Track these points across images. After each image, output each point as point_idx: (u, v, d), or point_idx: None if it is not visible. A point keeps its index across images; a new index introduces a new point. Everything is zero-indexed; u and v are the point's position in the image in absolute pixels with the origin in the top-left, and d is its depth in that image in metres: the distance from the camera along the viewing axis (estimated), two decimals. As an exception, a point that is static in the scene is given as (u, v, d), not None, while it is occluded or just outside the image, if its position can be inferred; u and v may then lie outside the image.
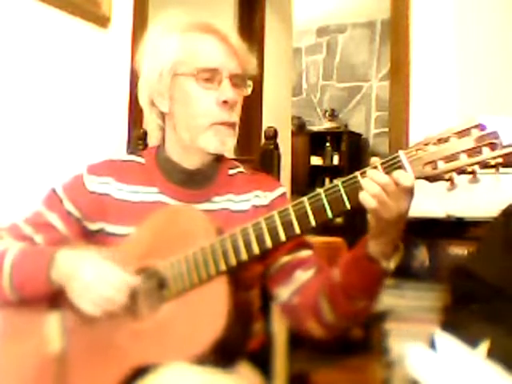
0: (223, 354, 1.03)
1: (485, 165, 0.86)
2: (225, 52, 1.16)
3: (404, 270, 1.60)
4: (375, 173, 0.92)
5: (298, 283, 1.15)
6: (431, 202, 1.56)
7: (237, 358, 1.10)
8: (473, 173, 0.86)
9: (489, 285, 1.13)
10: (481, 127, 0.86)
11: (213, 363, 1.00)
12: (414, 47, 2.21)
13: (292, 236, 1.02)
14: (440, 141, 0.89)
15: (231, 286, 1.04)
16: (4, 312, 1.18)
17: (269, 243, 1.02)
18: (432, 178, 0.90)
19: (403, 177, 0.90)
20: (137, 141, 2.02)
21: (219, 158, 1.22)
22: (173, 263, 1.07)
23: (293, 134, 4.55)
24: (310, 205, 0.98)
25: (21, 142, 1.84)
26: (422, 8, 2.22)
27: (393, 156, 0.92)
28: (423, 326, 1.55)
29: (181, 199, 1.18)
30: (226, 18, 3.45)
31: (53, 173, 1.85)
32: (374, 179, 0.92)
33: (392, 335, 1.73)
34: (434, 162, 0.88)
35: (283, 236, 1.01)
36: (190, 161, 1.19)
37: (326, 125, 5.95)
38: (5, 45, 1.80)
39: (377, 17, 5.68)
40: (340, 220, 4.87)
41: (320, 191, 0.98)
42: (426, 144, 0.89)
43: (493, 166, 0.86)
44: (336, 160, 5.84)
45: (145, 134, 1.97)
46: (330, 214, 0.97)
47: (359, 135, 5.86)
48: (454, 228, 1.73)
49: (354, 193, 0.94)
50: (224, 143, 1.16)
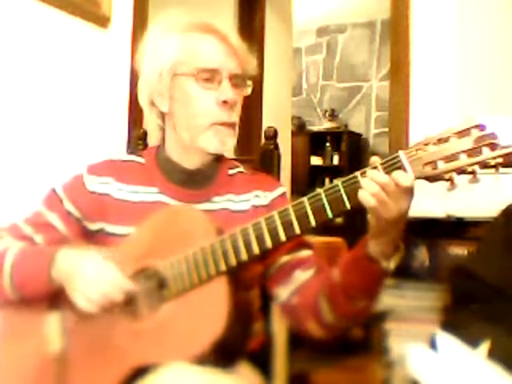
0: (223, 354, 1.02)
1: (485, 165, 0.86)
2: (225, 52, 1.16)
3: (404, 270, 1.60)
4: (375, 173, 0.92)
5: (298, 283, 1.15)
6: (431, 202, 1.56)
7: (237, 358, 1.10)
8: (473, 173, 0.86)
9: (489, 285, 1.13)
10: (481, 127, 0.86)
11: (213, 363, 1.00)
12: (414, 47, 2.21)
13: (292, 236, 1.02)
14: (440, 141, 0.89)
15: (231, 286, 1.04)
16: (4, 312, 1.18)
17: (269, 243, 1.02)
18: (432, 178, 0.90)
19: (403, 177, 0.90)
20: (137, 141, 2.02)
21: (219, 158, 1.22)
22: (173, 263, 1.07)
23: (293, 134, 4.55)
24: (310, 205, 0.98)
25: (21, 142, 1.84)
26: (422, 8, 2.22)
27: (393, 156, 0.92)
28: (423, 326, 1.55)
29: (181, 199, 1.18)
30: (226, 18, 3.45)
31: (53, 173, 1.85)
32: (374, 179, 0.92)
33: (392, 335, 1.72)
34: (434, 162, 0.88)
35: (283, 236, 1.01)
36: (190, 161, 1.19)
37: (326, 125, 5.95)
38: (5, 45, 1.80)
39: (377, 17, 5.68)
40: (340, 220, 4.87)
41: (320, 191, 0.98)
42: (426, 144, 0.90)
43: (493, 166, 0.86)
44: (336, 160, 5.84)
45: (145, 134, 1.97)
46: (330, 214, 0.97)
47: (359, 135, 5.86)
48: (454, 228, 1.73)
49: (354, 193, 0.94)
50: (224, 143, 1.16)
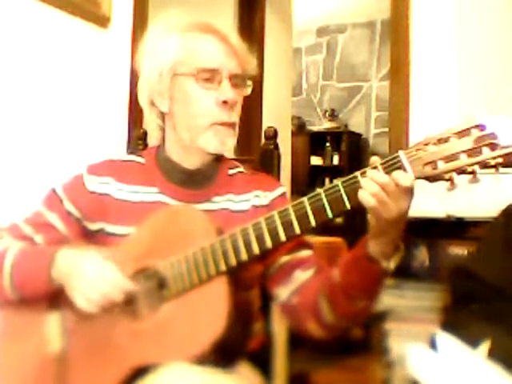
0: (223, 354, 1.02)
1: (485, 165, 0.86)
2: (225, 52, 1.16)
3: (404, 270, 1.60)
4: (375, 173, 0.92)
5: (298, 283, 1.15)
6: (431, 202, 1.56)
7: (237, 358, 1.10)
8: (473, 173, 0.86)
9: (489, 285, 1.13)
10: (481, 127, 0.86)
11: (213, 363, 1.00)
12: (414, 47, 2.21)
13: (292, 236, 1.02)
14: (440, 141, 0.89)
15: (231, 286, 1.04)
16: (4, 312, 1.18)
17: (269, 243, 1.02)
18: (432, 178, 0.90)
19: (403, 177, 0.90)
20: (137, 141, 2.02)
21: (219, 158, 1.22)
22: (173, 263, 1.07)
23: (293, 134, 4.55)
24: (310, 205, 0.98)
25: (21, 142, 1.84)
26: (422, 8, 2.22)
27: (393, 156, 0.92)
28: (423, 326, 1.55)
29: (181, 199, 1.18)
30: (226, 18, 3.45)
31: (53, 173, 1.85)
32: (374, 179, 0.92)
33: (392, 335, 1.72)
34: (434, 162, 0.88)
35: (283, 236, 1.01)
36: (190, 161, 1.19)
37: (326, 125, 5.95)
38: (5, 45, 1.80)
39: (377, 17, 5.68)
40: (340, 220, 4.87)
41: (320, 191, 0.98)
42: (426, 144, 0.89)
43: (493, 166, 0.86)
44: (336, 160, 5.84)
45: (145, 134, 1.97)
46: (330, 214, 0.97)
47: (359, 135, 5.86)
48: (454, 228, 1.73)
49: (354, 193, 0.93)
50: (224, 143, 1.16)
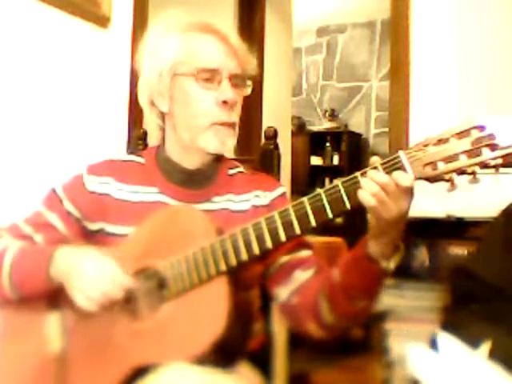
0: (223, 354, 1.02)
1: (485, 165, 0.86)
2: (225, 52, 1.16)
3: (404, 270, 1.60)
4: (375, 173, 0.92)
5: (298, 283, 1.15)
6: (431, 202, 1.56)
7: (237, 358, 1.10)
8: (473, 173, 0.86)
9: (489, 285, 1.13)
10: (480, 128, 0.86)
11: (213, 363, 1.00)
12: (414, 47, 2.21)
13: (292, 236, 1.02)
14: (440, 141, 0.88)
15: (231, 286, 1.04)
16: (4, 312, 1.18)
17: (269, 243, 1.02)
18: (432, 179, 0.90)
19: (403, 177, 0.90)
20: (137, 141, 2.02)
21: (219, 158, 1.22)
22: (173, 263, 1.07)
23: (293, 134, 4.55)
24: (310, 205, 0.98)
25: (21, 142, 1.84)
26: (422, 8, 2.22)
27: (393, 156, 0.92)
28: (423, 326, 1.55)
29: (181, 199, 1.18)
30: (226, 18, 3.45)
31: (53, 173, 1.85)
32: (374, 179, 0.92)
33: (392, 335, 1.72)
34: (434, 163, 0.88)
35: (283, 236, 1.01)
36: (190, 161, 1.19)
37: (326, 125, 5.95)
38: (5, 45, 1.80)
39: (377, 17, 5.68)
40: (340, 220, 4.86)
41: (320, 191, 0.98)
42: (426, 145, 0.89)
43: (493, 167, 0.86)
44: (336, 160, 5.84)
45: (145, 134, 1.97)
46: (330, 214, 0.97)
47: (359, 135, 5.86)
48: (454, 228, 1.73)
49: (355, 193, 0.93)
50: (224, 143, 1.16)
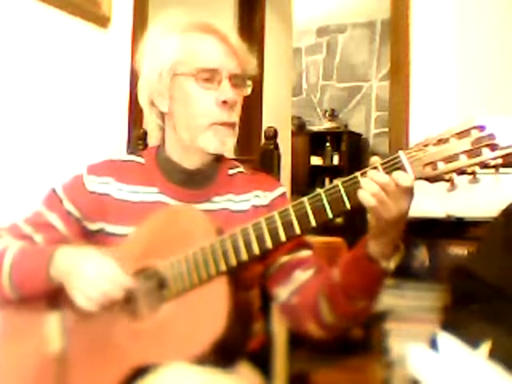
0: (223, 354, 1.02)
1: (485, 165, 0.86)
2: (225, 52, 1.16)
3: (404, 270, 1.60)
4: (375, 173, 0.92)
5: (297, 283, 1.15)
6: (431, 202, 1.56)
7: (237, 358, 1.10)
8: (473, 173, 0.86)
9: (489, 285, 1.13)
10: (480, 128, 0.86)
11: (213, 363, 1.00)
12: (414, 47, 2.21)
13: (292, 236, 1.01)
14: (440, 141, 0.88)
15: (231, 286, 1.04)
16: (4, 312, 1.18)
17: (269, 243, 1.02)
18: (432, 179, 0.90)
19: (403, 177, 0.90)
20: (137, 141, 2.02)
21: (219, 158, 1.22)
22: (173, 263, 1.07)
23: (293, 134, 4.55)
24: (310, 205, 0.98)
25: (21, 142, 1.84)
26: (422, 8, 2.22)
27: (393, 156, 0.92)
28: (423, 326, 1.55)
29: (181, 199, 1.18)
30: (226, 18, 3.45)
31: (53, 173, 1.85)
32: (374, 179, 0.92)
33: (392, 335, 1.72)
34: (434, 163, 0.88)
35: (283, 236, 1.01)
36: (190, 161, 1.19)
37: (326, 125, 5.95)
38: (5, 45, 1.80)
39: (377, 17, 5.68)
40: (340, 220, 4.86)
41: (320, 191, 0.98)
42: (426, 145, 0.89)
43: (493, 167, 0.86)
44: (336, 160, 5.84)
45: (145, 134, 1.97)
46: (331, 214, 0.97)
47: (359, 135, 5.86)
48: (454, 228, 1.73)
49: (355, 193, 0.93)
50: (224, 143, 1.16)
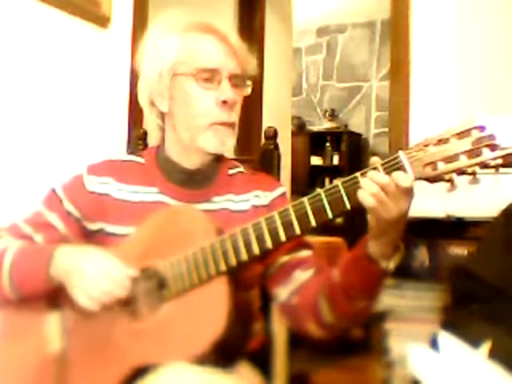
0: (223, 354, 1.02)
1: (485, 165, 0.86)
2: (224, 52, 1.16)
3: (404, 270, 1.60)
4: (375, 173, 0.92)
5: (297, 283, 1.15)
6: (431, 202, 1.56)
7: (237, 358, 1.10)
8: (473, 173, 0.86)
9: (489, 285, 1.13)
10: (481, 128, 0.86)
11: (213, 363, 1.00)
12: (414, 47, 2.21)
13: (292, 236, 1.01)
14: (440, 142, 0.88)
15: (231, 286, 1.04)
16: (4, 312, 1.18)
17: (269, 243, 1.02)
18: (432, 179, 0.90)
19: (403, 177, 0.89)
20: (137, 141, 2.02)
21: (219, 158, 1.22)
22: (173, 263, 1.07)
23: (293, 134, 4.55)
24: (310, 205, 0.98)
25: (21, 142, 1.84)
26: (422, 8, 2.22)
27: (393, 156, 0.92)
28: (423, 326, 1.55)
29: (181, 199, 1.18)
30: (226, 18, 3.45)
31: (53, 173, 1.85)
32: (374, 179, 0.92)
33: (392, 335, 1.72)
34: (434, 163, 0.88)
35: (283, 236, 1.01)
36: (190, 161, 1.19)
37: (326, 125, 5.95)
38: (5, 45, 1.80)
39: (377, 17, 5.68)
40: (340, 220, 4.86)
41: (320, 191, 0.98)
42: (426, 145, 0.89)
43: (493, 167, 0.86)
44: (336, 160, 5.84)
45: (145, 134, 1.97)
46: (331, 215, 0.97)
47: (359, 135, 5.86)
48: (454, 228, 1.73)
49: (355, 193, 0.93)
50: (223, 143, 1.16)
